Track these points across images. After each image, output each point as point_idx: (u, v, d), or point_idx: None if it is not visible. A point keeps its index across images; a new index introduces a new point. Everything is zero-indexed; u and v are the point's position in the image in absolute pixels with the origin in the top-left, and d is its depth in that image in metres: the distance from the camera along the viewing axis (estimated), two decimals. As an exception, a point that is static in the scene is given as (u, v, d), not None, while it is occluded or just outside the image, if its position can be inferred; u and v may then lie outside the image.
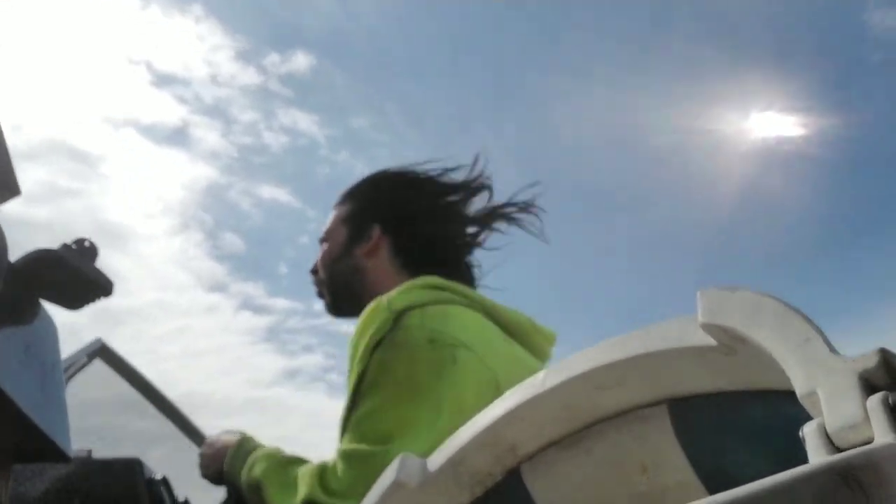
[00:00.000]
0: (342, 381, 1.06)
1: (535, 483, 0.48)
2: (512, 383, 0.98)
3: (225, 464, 1.04)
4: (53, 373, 0.54)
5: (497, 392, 0.93)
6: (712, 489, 0.39)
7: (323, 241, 1.19)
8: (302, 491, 0.90)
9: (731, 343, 0.33)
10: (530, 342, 1.11)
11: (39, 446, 0.50)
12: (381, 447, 0.87)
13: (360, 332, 0.96)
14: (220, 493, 1.15)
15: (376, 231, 1.14)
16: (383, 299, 0.98)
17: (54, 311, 0.60)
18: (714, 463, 0.38)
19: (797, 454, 0.27)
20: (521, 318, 1.11)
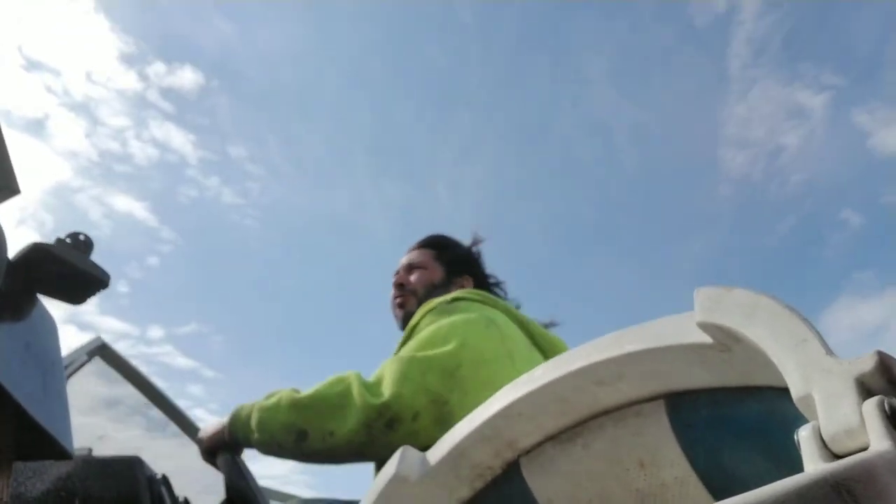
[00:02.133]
0: (162, 418, 1.36)
1: (534, 477, 0.48)
2: (526, 370, 1.09)
3: (228, 419, 1.09)
4: (54, 370, 0.53)
5: (511, 367, 1.07)
6: (709, 484, 0.39)
7: (418, 267, 1.49)
8: (343, 384, 1.01)
9: (726, 341, 0.32)
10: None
11: (40, 444, 0.50)
12: (408, 354, 1.04)
13: (421, 309, 1.23)
14: (220, 491, 1.15)
15: (469, 281, 1.46)
16: (445, 295, 1.26)
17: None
18: (711, 458, 0.38)
19: (792, 451, 0.26)
20: (555, 337, 1.31)
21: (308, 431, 0.99)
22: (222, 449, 1.10)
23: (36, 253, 0.51)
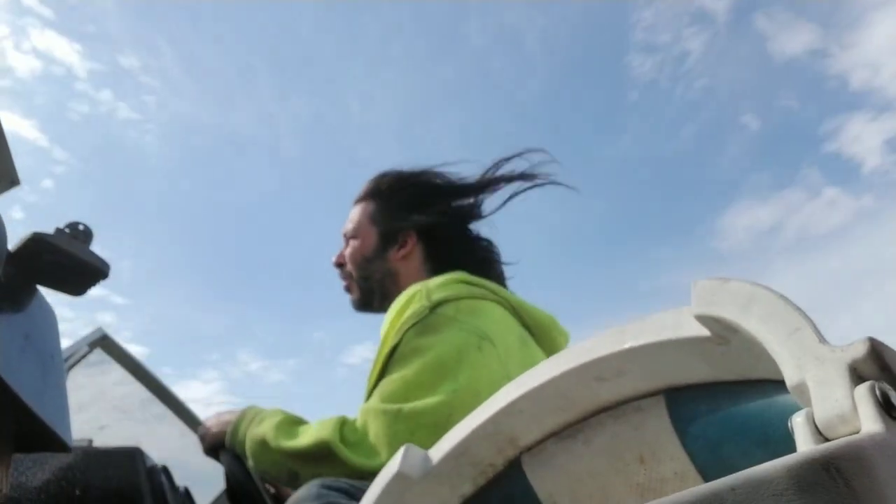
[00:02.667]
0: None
1: (536, 473, 0.48)
2: None
3: (229, 428, 1.07)
4: (53, 361, 0.54)
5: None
6: (709, 479, 0.39)
7: (351, 237, 1.26)
8: (323, 433, 0.96)
9: (723, 333, 0.33)
10: (549, 339, 1.18)
11: (40, 436, 0.50)
12: (396, 405, 0.94)
13: (398, 313, 1.05)
14: (220, 481, 1.15)
15: (412, 238, 1.22)
16: (422, 289, 1.07)
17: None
18: (710, 453, 0.38)
19: (791, 444, 0.27)
20: (544, 316, 1.19)
21: (300, 474, 0.97)
22: (223, 447, 1.09)
23: (35, 243, 0.51)
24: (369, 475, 0.90)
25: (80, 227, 0.54)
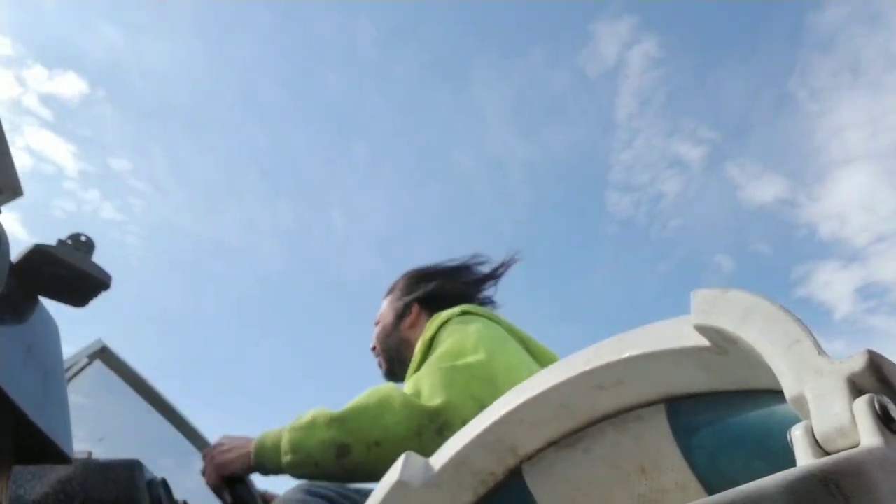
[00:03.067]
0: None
1: (536, 482, 0.48)
2: None
3: (254, 451, 1.04)
4: (55, 374, 0.54)
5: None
6: (709, 489, 0.39)
7: (376, 323, 1.48)
8: (381, 392, 0.98)
9: (723, 343, 0.33)
10: None
11: (40, 448, 0.50)
12: (448, 363, 1.03)
13: (430, 323, 1.22)
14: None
15: (415, 308, 1.42)
16: (446, 311, 1.26)
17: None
18: (710, 463, 0.38)
19: (790, 454, 0.26)
20: (549, 353, 1.29)
21: (350, 445, 0.94)
22: (234, 479, 1.07)
23: (37, 255, 0.51)
24: (428, 422, 0.93)
25: (82, 239, 0.54)
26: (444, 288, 1.44)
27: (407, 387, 1.02)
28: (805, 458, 0.24)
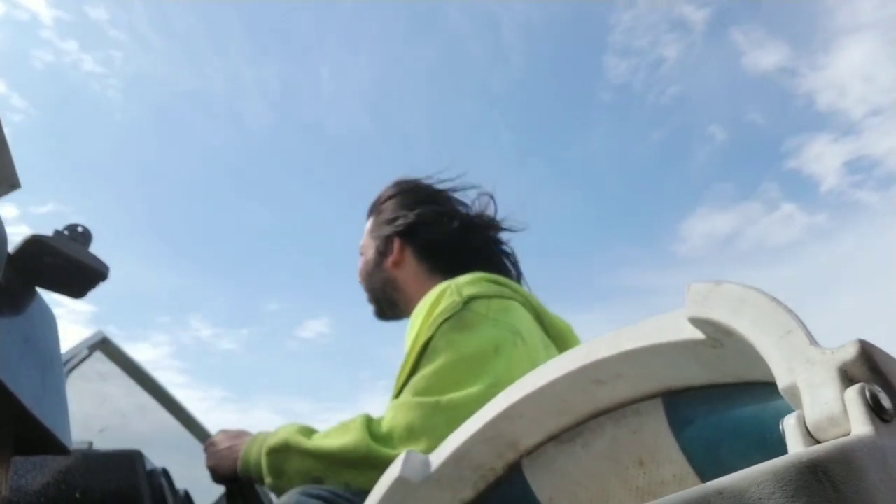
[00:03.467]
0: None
1: (536, 477, 0.48)
2: None
3: (241, 454, 1.04)
4: (53, 364, 0.54)
5: None
6: (707, 482, 0.39)
7: (361, 254, 1.33)
8: (350, 434, 0.93)
9: (718, 336, 0.33)
10: (566, 347, 1.19)
11: (39, 439, 0.50)
12: (432, 398, 0.93)
13: (429, 309, 1.05)
14: (220, 487, 1.15)
15: (396, 243, 1.25)
16: (451, 285, 1.08)
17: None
18: (708, 455, 0.38)
19: (786, 446, 0.27)
20: (562, 323, 1.21)
21: (324, 479, 0.94)
22: (236, 479, 1.07)
23: (34, 246, 0.51)
24: None
25: (79, 229, 0.54)
26: (431, 225, 1.24)
27: (386, 412, 0.97)
28: (796, 447, 0.24)
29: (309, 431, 1.01)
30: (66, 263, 0.53)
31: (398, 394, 1.02)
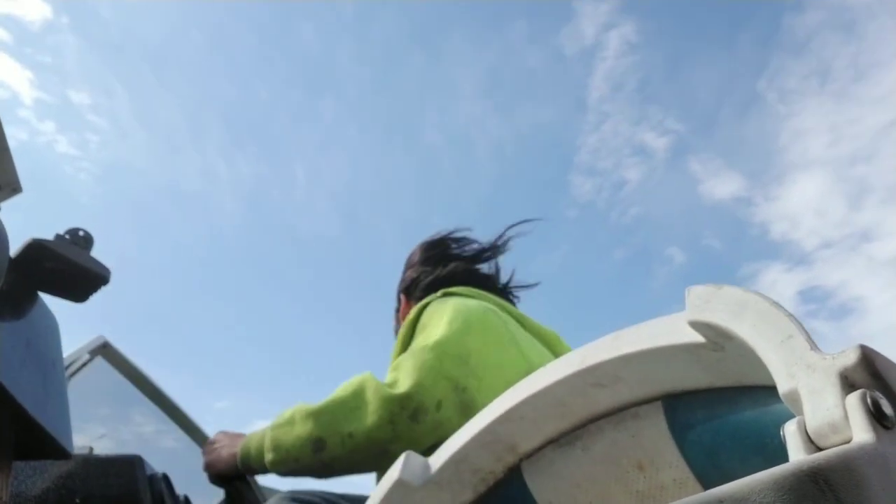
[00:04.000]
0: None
1: (535, 480, 0.48)
2: (533, 355, 1.06)
3: (238, 454, 1.05)
4: (54, 369, 0.54)
5: (516, 350, 1.05)
6: (707, 486, 0.39)
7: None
8: (355, 380, 0.98)
9: (718, 339, 0.32)
10: (555, 350, 1.22)
11: (40, 443, 0.50)
12: (421, 345, 1.01)
13: (415, 307, 1.18)
14: (220, 491, 1.15)
15: (403, 299, 1.39)
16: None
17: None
18: (708, 459, 0.38)
19: (787, 451, 0.27)
20: (549, 331, 1.26)
21: (325, 438, 0.94)
22: (233, 477, 1.08)
23: (36, 250, 0.51)
24: (399, 409, 0.92)
25: (81, 234, 0.54)
26: (424, 276, 1.37)
27: (388, 373, 1.01)
28: (797, 454, 0.24)
29: (311, 404, 1.03)
30: (68, 268, 0.53)
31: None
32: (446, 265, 1.36)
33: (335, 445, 0.93)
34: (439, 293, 1.21)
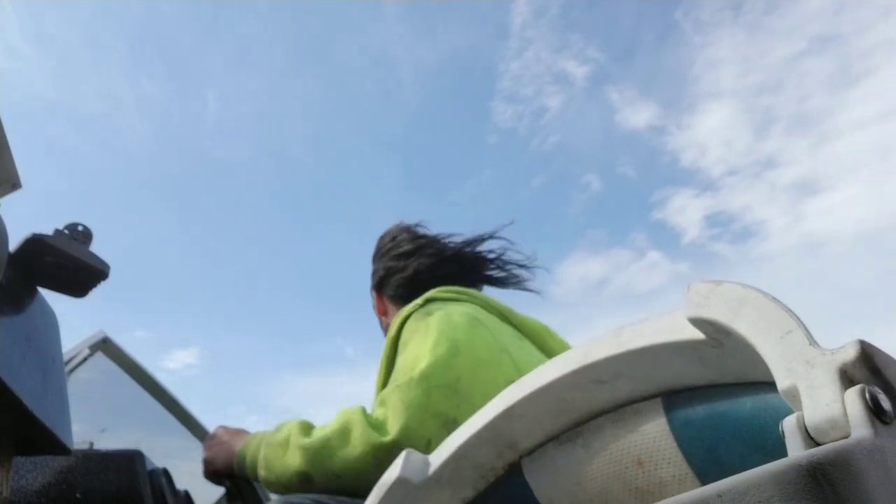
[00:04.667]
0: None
1: (535, 477, 0.48)
2: (524, 363, 1.03)
3: (235, 458, 1.06)
4: (54, 364, 0.54)
5: (509, 361, 1.03)
6: (707, 483, 0.39)
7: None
8: (346, 413, 0.97)
9: (717, 336, 0.33)
10: (544, 345, 1.21)
11: (40, 438, 0.50)
12: (405, 378, 0.98)
13: (396, 320, 1.14)
14: (220, 487, 1.15)
15: (375, 296, 1.37)
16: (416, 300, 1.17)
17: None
18: (708, 456, 0.38)
19: (786, 448, 0.27)
20: (536, 323, 1.24)
21: (312, 475, 0.95)
22: (231, 475, 1.08)
23: (35, 245, 0.51)
24: (386, 456, 0.90)
25: (80, 228, 0.54)
26: (394, 273, 1.32)
27: (374, 407, 1.00)
28: (796, 449, 0.24)
29: (308, 427, 1.02)
30: (67, 262, 0.53)
31: (382, 386, 1.08)
32: (419, 258, 1.31)
33: (321, 482, 0.94)
34: (420, 301, 1.15)
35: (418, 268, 1.30)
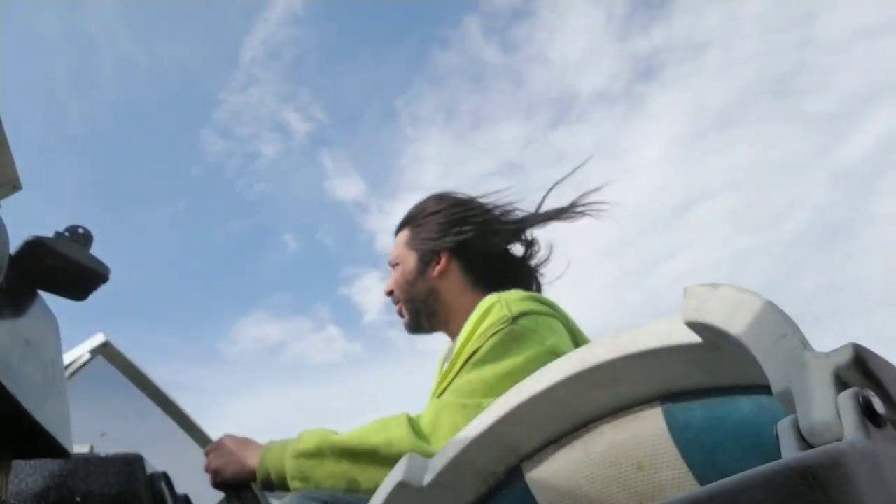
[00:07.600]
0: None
1: (536, 481, 0.48)
2: None
3: (258, 470, 1.03)
4: (54, 368, 0.54)
5: None
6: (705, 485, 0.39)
7: (394, 265, 1.36)
8: (394, 432, 0.95)
9: (715, 339, 0.33)
10: None
11: (40, 442, 0.50)
12: (475, 401, 0.96)
13: (479, 320, 1.10)
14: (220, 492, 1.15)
15: (446, 255, 1.30)
16: (501, 300, 1.12)
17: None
18: (706, 459, 0.38)
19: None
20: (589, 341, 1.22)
21: (360, 480, 0.94)
22: (239, 486, 1.07)
23: (35, 248, 0.51)
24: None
25: (80, 231, 0.55)
26: (481, 243, 1.28)
27: (427, 411, 0.99)
28: (790, 453, 0.24)
29: (337, 434, 1.01)
30: (68, 266, 0.53)
31: (441, 391, 1.05)
32: (465, 233, 1.27)
33: (369, 488, 0.93)
34: (509, 315, 1.08)
35: (499, 249, 1.29)
